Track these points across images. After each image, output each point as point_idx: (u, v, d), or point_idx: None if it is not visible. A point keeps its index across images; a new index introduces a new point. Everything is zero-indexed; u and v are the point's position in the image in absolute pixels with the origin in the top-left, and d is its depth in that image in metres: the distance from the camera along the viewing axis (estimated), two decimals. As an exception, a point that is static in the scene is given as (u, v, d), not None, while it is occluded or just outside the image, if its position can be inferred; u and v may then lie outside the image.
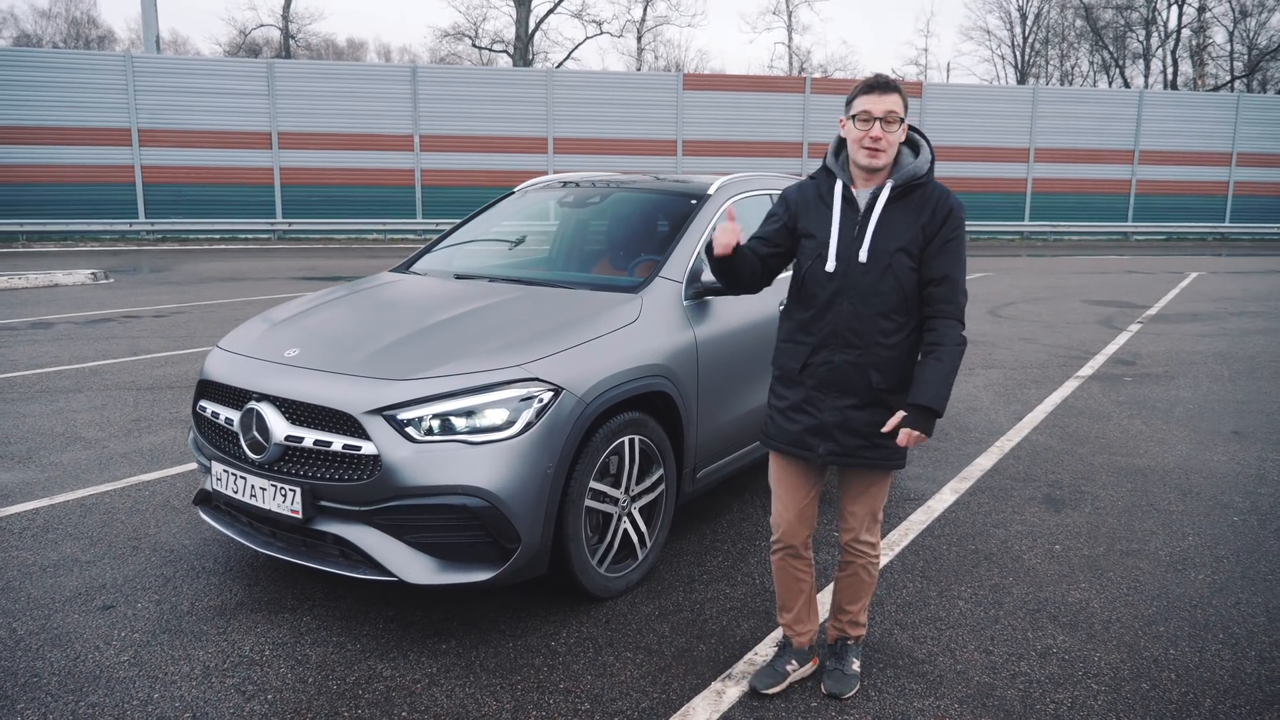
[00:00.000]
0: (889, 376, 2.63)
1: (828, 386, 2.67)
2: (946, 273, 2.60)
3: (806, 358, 2.69)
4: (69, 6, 61.00)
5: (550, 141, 27.21)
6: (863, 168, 2.64)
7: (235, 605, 3.40)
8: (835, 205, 2.68)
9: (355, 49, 62.84)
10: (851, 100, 2.63)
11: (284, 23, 45.00)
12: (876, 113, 2.56)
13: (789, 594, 2.92)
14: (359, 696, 2.81)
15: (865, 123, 2.58)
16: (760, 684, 2.84)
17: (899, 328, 2.63)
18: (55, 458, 5.15)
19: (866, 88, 2.60)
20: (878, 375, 2.62)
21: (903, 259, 2.60)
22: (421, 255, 4.78)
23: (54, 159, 23.74)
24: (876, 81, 2.59)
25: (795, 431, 2.73)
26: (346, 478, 3.03)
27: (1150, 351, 9.22)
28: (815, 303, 2.68)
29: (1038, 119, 30.08)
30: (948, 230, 2.61)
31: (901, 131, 2.62)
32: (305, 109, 25.48)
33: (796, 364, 2.72)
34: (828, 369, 2.66)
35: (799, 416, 2.72)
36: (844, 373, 2.65)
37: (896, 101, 2.57)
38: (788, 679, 2.88)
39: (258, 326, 3.78)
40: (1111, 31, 50.00)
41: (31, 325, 9.94)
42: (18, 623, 3.23)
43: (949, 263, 2.61)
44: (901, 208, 2.63)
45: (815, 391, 2.69)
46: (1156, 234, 30.91)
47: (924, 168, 2.66)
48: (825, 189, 2.74)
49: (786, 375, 2.76)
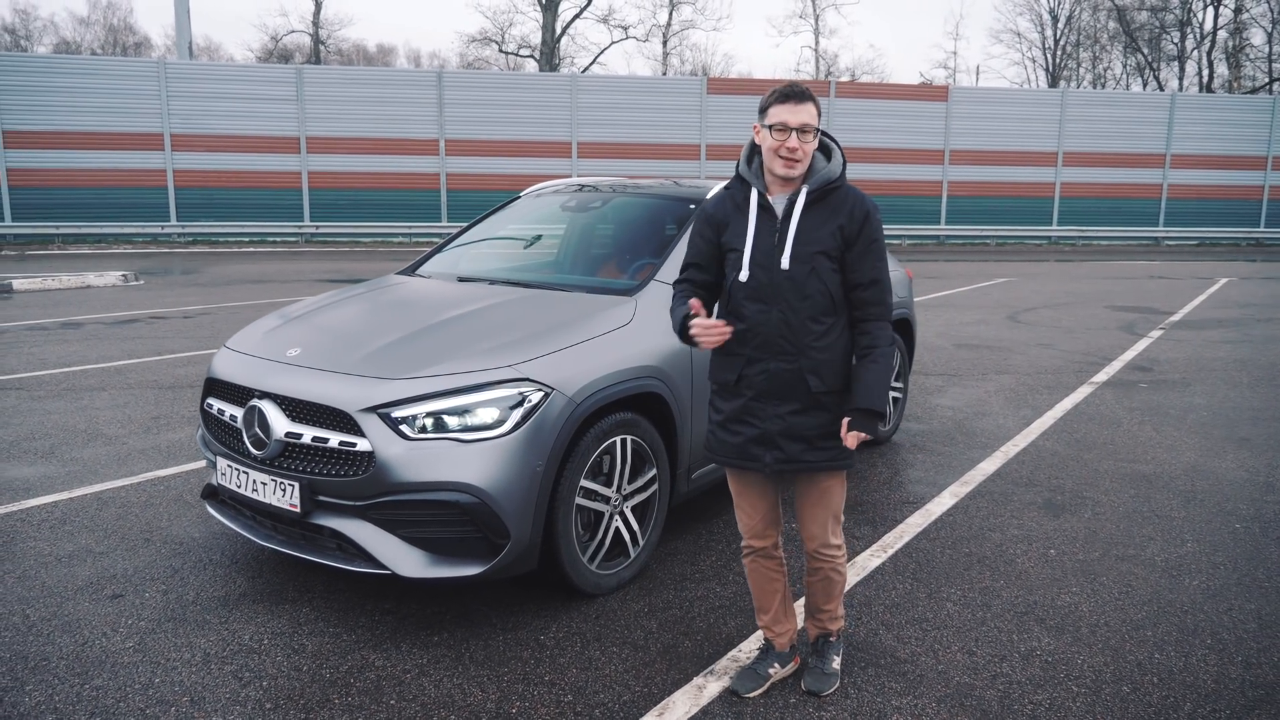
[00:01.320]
0: (826, 379, 2.67)
1: (767, 395, 2.68)
2: (874, 276, 2.67)
3: (742, 369, 2.70)
4: (107, 14, 62.28)
5: (574, 146, 27.39)
6: (779, 176, 2.67)
7: (238, 596, 3.51)
8: (751, 214, 2.71)
9: (385, 54, 63.59)
10: (766, 108, 2.64)
11: (314, 29, 45.61)
12: (793, 123, 2.58)
13: (764, 595, 2.97)
14: (350, 685, 2.90)
15: (782, 133, 2.59)
16: (741, 687, 2.88)
17: (829, 329, 2.67)
18: (76, 453, 5.31)
19: (782, 97, 2.61)
20: (815, 379, 2.65)
21: (824, 261, 2.64)
22: (429, 258, 4.89)
23: (89, 163, 24.27)
24: (791, 91, 2.60)
25: (738, 443, 2.74)
26: (342, 473, 3.13)
27: (1169, 358, 9.14)
28: (745, 313, 2.68)
29: (1066, 122, 29.82)
30: (868, 233, 2.67)
31: (815, 140, 2.65)
32: (333, 114, 25.86)
33: (733, 375, 2.72)
34: (765, 378, 2.67)
35: (740, 428, 2.74)
36: (782, 380, 2.66)
37: (811, 112, 2.61)
38: (769, 681, 2.92)
39: (263, 327, 3.90)
40: (1146, 34, 49.41)
41: (62, 325, 10.20)
42: (30, 609, 3.36)
43: (874, 265, 2.67)
44: (818, 212, 2.67)
45: (754, 401, 2.70)
46: (1189, 239, 30.52)
47: (836, 171, 2.70)
48: (741, 199, 2.76)
49: (724, 387, 2.78)
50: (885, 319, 2.70)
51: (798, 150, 2.60)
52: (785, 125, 2.59)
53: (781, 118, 2.59)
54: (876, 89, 31.48)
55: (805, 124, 2.59)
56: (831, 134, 2.78)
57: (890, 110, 28.67)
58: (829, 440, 2.69)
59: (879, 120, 28.28)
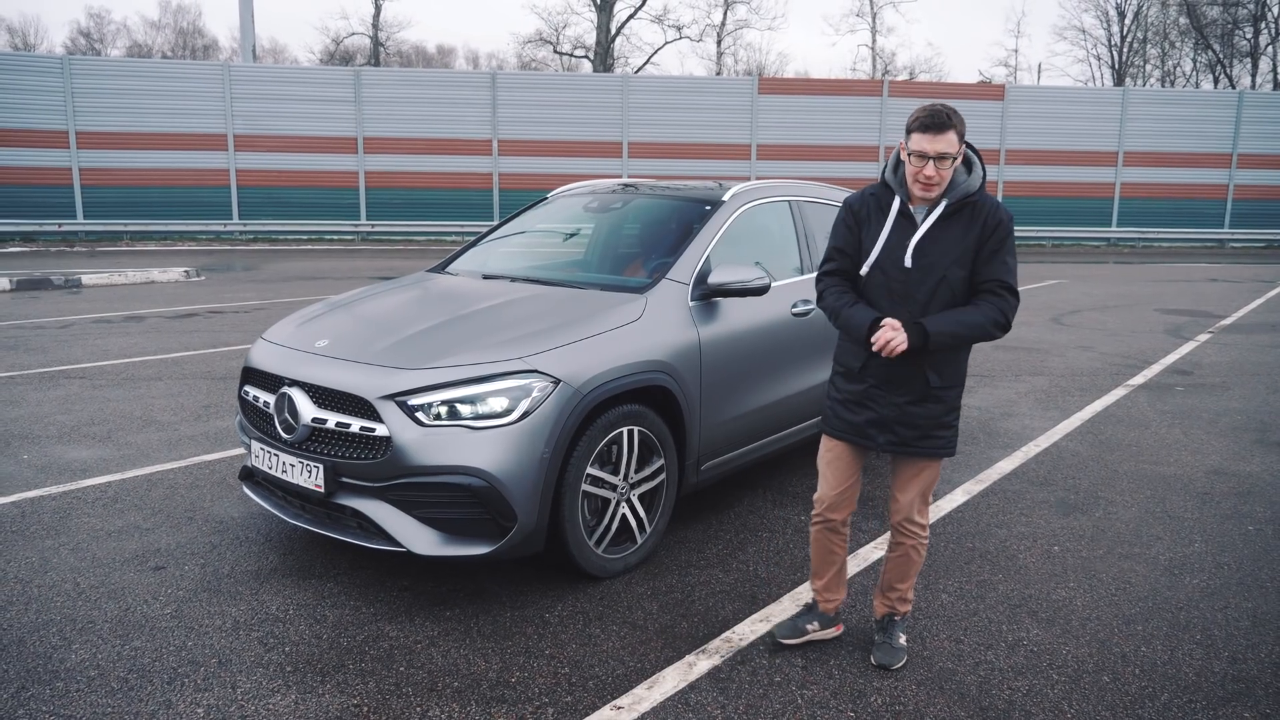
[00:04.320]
0: (945, 375, 2.90)
1: (886, 384, 2.91)
2: (999, 276, 2.83)
3: (866, 358, 2.92)
4: (176, 18, 64.39)
5: (625, 146, 27.60)
6: (917, 197, 2.87)
7: (269, 571, 3.76)
8: (889, 219, 2.89)
9: (445, 55, 64.65)
10: (909, 133, 2.79)
11: (374, 31, 46.59)
12: (930, 152, 2.74)
13: (823, 564, 3.19)
14: (364, 652, 3.12)
15: (920, 160, 2.76)
16: (780, 632, 3.18)
17: None
18: (131, 438, 5.66)
19: (922, 126, 2.74)
20: (935, 375, 2.88)
21: (955, 270, 2.84)
22: (458, 256, 5.12)
23: (157, 163, 25.19)
24: (932, 121, 2.73)
25: (858, 423, 2.99)
26: (363, 456, 3.35)
27: (1212, 362, 9.01)
28: (876, 309, 2.89)
29: (1128, 121, 29.13)
30: (998, 238, 2.83)
31: (954, 164, 2.79)
32: (389, 115, 26.44)
33: (857, 363, 2.96)
34: (886, 369, 2.89)
35: (860, 410, 2.98)
36: (902, 373, 2.88)
37: (951, 140, 2.74)
38: (806, 636, 3.17)
39: (296, 319, 4.15)
40: (1217, 29, 47.93)
41: (125, 319, 10.71)
42: (81, 578, 3.65)
43: (999, 267, 2.83)
44: (955, 223, 2.84)
45: (875, 389, 2.94)
46: (1255, 240, 29.60)
47: (975, 185, 2.86)
48: (885, 203, 2.93)
49: (848, 371, 3.01)
50: (1003, 298, 2.81)
51: (934, 178, 2.77)
52: (924, 154, 2.75)
53: (920, 146, 2.75)
54: (932, 88, 31.13)
55: (943, 153, 2.74)
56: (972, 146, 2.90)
57: (945, 109, 28.30)
58: (941, 431, 2.92)
59: (933, 119, 27.92)
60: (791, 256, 4.85)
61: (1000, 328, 2.82)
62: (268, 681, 2.93)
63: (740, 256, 4.40)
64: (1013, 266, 2.86)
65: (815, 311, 4.67)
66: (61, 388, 6.97)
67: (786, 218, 4.91)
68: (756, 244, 4.69)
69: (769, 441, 4.56)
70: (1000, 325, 2.81)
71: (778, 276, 4.57)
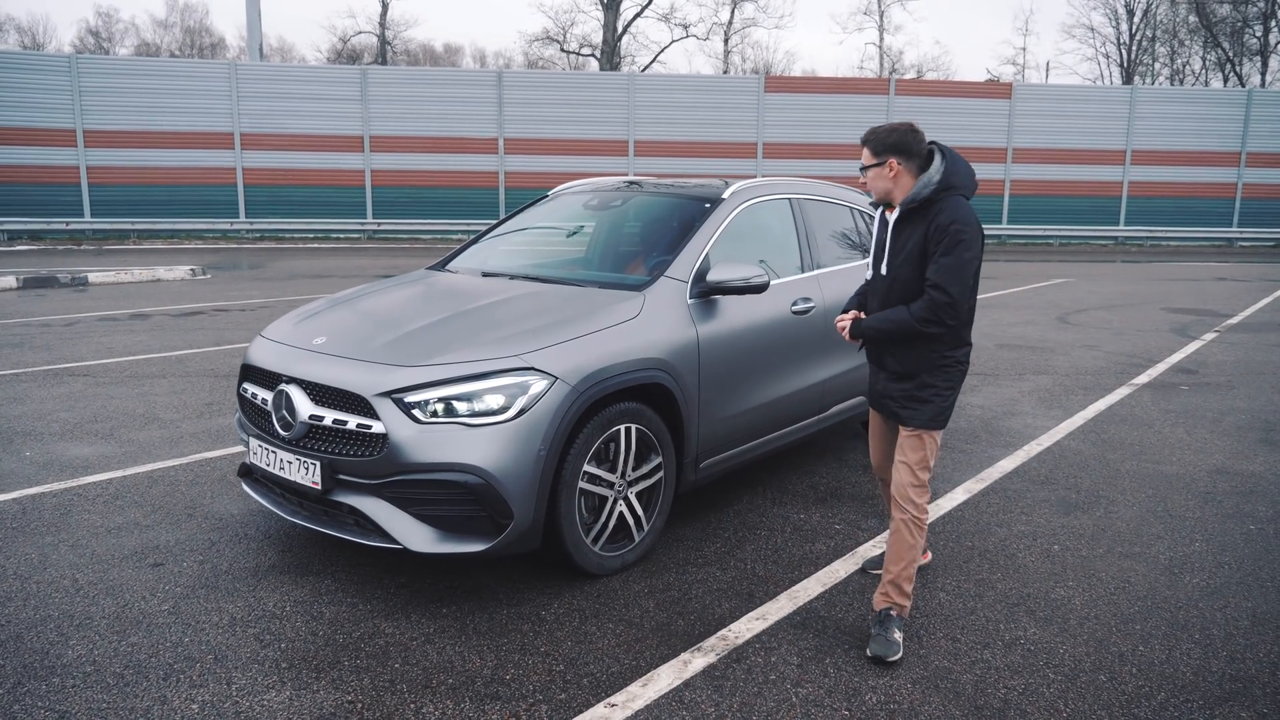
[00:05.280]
0: (904, 363, 3.26)
1: (876, 364, 3.46)
2: (935, 280, 3.08)
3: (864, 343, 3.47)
4: (184, 16, 64.58)
5: (631, 144, 27.58)
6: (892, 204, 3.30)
7: (268, 568, 3.77)
8: (875, 224, 3.42)
9: (452, 54, 64.66)
10: None
11: (381, 30, 46.66)
12: (862, 163, 3.29)
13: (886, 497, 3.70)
14: (360, 649, 3.12)
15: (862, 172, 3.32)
16: (870, 565, 3.83)
17: None
18: (133, 435, 5.68)
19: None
20: (892, 360, 3.31)
21: (905, 270, 3.21)
22: (458, 254, 5.12)
23: (164, 161, 25.26)
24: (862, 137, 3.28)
25: (873, 392, 3.55)
26: (359, 453, 3.35)
27: (1217, 361, 8.97)
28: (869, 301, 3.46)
29: (1135, 120, 29.00)
30: (939, 241, 3.10)
31: (888, 168, 3.19)
32: (395, 113, 26.48)
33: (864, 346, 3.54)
34: (874, 354, 3.44)
35: (873, 383, 3.53)
36: (877, 355, 3.42)
37: (866, 155, 3.25)
38: None
39: (294, 317, 4.16)
40: (1227, 27, 47.66)
41: (131, 316, 10.75)
42: (80, 574, 3.67)
43: (934, 269, 3.09)
44: (908, 224, 3.22)
45: (872, 365, 3.50)
46: (1264, 239, 29.43)
47: (924, 192, 3.15)
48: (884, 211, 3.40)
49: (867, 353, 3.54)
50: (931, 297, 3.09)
51: (867, 185, 3.30)
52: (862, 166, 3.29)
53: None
54: (938, 86, 31.05)
55: (863, 165, 3.28)
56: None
57: (952, 108, 28.20)
58: (913, 404, 3.26)
59: (941, 118, 27.80)
60: (792, 254, 4.84)
61: (928, 324, 3.10)
62: (263, 678, 2.93)
63: (740, 254, 4.39)
64: (951, 267, 3.07)
65: (815, 309, 4.67)
66: (65, 385, 7.00)
67: (787, 215, 4.90)
68: (756, 242, 4.68)
69: (768, 440, 4.55)
70: (926, 322, 3.10)
71: (778, 274, 4.56)
